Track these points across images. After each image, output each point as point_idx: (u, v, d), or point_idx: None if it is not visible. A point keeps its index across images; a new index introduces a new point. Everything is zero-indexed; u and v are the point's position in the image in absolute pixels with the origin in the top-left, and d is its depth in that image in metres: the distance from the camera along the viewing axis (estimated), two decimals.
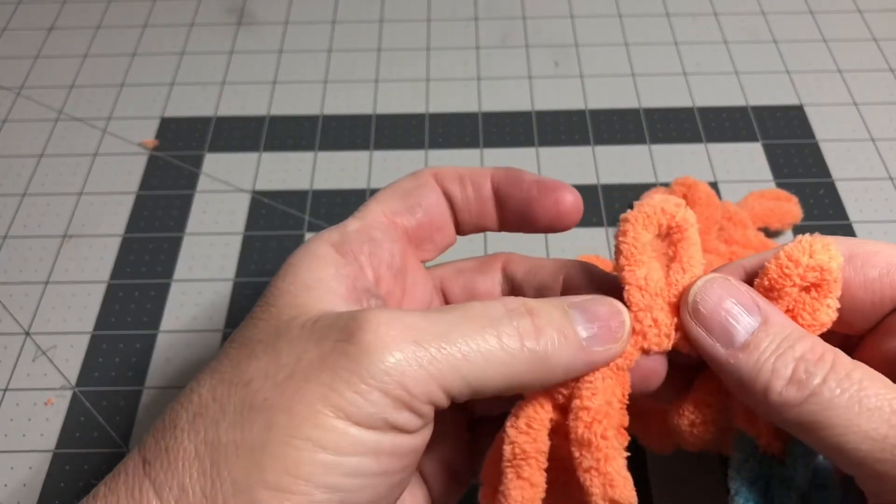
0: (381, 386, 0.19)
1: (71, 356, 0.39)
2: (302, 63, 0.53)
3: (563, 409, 0.23)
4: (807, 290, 0.23)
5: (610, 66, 0.52)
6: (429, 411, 0.21)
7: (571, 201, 0.26)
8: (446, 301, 0.29)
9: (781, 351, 0.21)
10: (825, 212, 0.43)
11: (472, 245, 0.41)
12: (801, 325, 0.23)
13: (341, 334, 0.20)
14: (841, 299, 0.23)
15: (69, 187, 0.46)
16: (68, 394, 0.37)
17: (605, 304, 0.23)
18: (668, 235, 0.24)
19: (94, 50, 0.54)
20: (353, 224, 0.25)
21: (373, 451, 0.20)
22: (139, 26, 0.56)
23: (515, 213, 0.27)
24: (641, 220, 0.24)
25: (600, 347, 0.22)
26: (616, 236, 0.24)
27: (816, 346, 0.21)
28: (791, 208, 0.42)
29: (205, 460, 0.19)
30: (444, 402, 0.21)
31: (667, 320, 0.23)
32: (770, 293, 0.23)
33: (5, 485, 0.35)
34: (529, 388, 0.22)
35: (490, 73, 0.52)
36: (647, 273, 0.23)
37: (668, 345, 0.23)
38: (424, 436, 0.22)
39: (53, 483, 0.35)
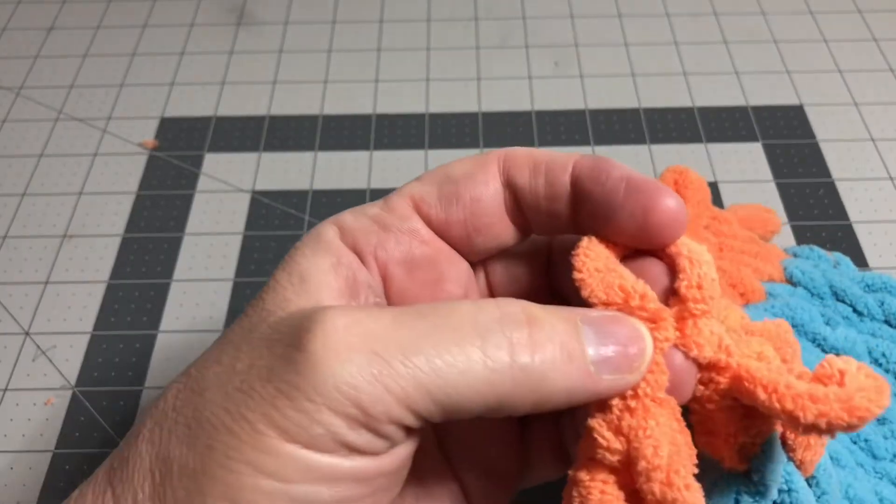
0: (330, 404, 0.17)
1: (71, 356, 0.39)
2: (302, 63, 0.53)
3: (623, 467, 0.20)
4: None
5: (610, 66, 0.52)
6: (394, 432, 0.18)
7: (671, 209, 0.20)
8: (490, 290, 0.25)
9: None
10: (825, 212, 0.43)
11: None
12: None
13: (292, 338, 0.17)
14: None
15: (69, 187, 0.46)
16: (68, 394, 0.37)
17: (627, 326, 0.19)
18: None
19: (94, 50, 0.54)
20: (373, 208, 0.22)
21: (326, 477, 0.17)
22: (139, 26, 0.56)
23: (593, 218, 0.21)
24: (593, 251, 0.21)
25: (611, 376, 0.19)
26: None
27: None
28: (771, 218, 0.42)
29: (156, 476, 0.18)
30: (413, 422, 0.18)
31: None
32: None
33: (5, 485, 0.35)
34: (520, 412, 0.19)
35: (490, 73, 0.52)
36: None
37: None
38: (398, 456, 0.19)
39: (53, 483, 0.35)
